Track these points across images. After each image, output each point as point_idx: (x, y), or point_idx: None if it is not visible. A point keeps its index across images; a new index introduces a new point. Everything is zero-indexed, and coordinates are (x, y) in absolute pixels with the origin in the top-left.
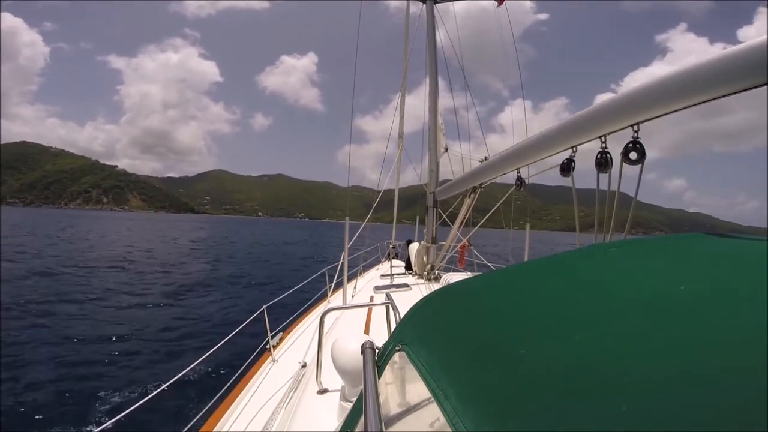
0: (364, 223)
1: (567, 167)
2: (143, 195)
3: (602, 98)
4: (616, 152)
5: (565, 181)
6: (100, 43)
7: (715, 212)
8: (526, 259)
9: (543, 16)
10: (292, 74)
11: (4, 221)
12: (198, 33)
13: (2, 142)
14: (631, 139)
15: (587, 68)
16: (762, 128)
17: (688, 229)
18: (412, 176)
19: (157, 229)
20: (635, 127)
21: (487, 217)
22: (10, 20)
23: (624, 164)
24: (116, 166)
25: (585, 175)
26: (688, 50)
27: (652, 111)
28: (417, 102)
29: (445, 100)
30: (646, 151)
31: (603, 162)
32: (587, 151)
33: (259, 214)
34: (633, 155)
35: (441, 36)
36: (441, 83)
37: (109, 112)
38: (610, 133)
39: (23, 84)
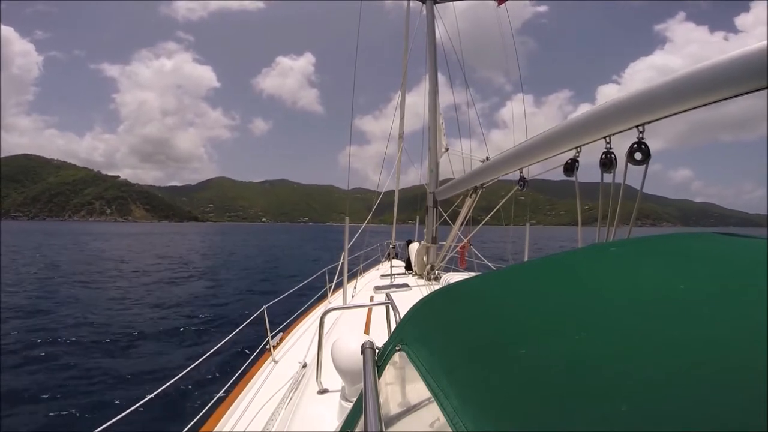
0: (363, 225)
1: (571, 167)
2: (146, 205)
3: (605, 90)
4: (618, 149)
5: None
6: (92, 51)
7: (722, 201)
8: (526, 257)
9: (542, 8)
10: (290, 75)
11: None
12: (191, 37)
13: (2, 155)
14: (636, 140)
15: (588, 60)
16: (762, 117)
17: (696, 219)
18: (413, 176)
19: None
20: (640, 128)
21: (489, 216)
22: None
23: (628, 164)
24: (118, 177)
25: (588, 169)
26: (688, 39)
27: (658, 112)
28: (418, 100)
29: (446, 97)
30: (650, 145)
31: (607, 162)
32: (590, 146)
33: (263, 220)
34: (638, 156)
35: (441, 33)
36: (442, 80)
37: (106, 121)
38: (615, 134)
39: (19, 94)
